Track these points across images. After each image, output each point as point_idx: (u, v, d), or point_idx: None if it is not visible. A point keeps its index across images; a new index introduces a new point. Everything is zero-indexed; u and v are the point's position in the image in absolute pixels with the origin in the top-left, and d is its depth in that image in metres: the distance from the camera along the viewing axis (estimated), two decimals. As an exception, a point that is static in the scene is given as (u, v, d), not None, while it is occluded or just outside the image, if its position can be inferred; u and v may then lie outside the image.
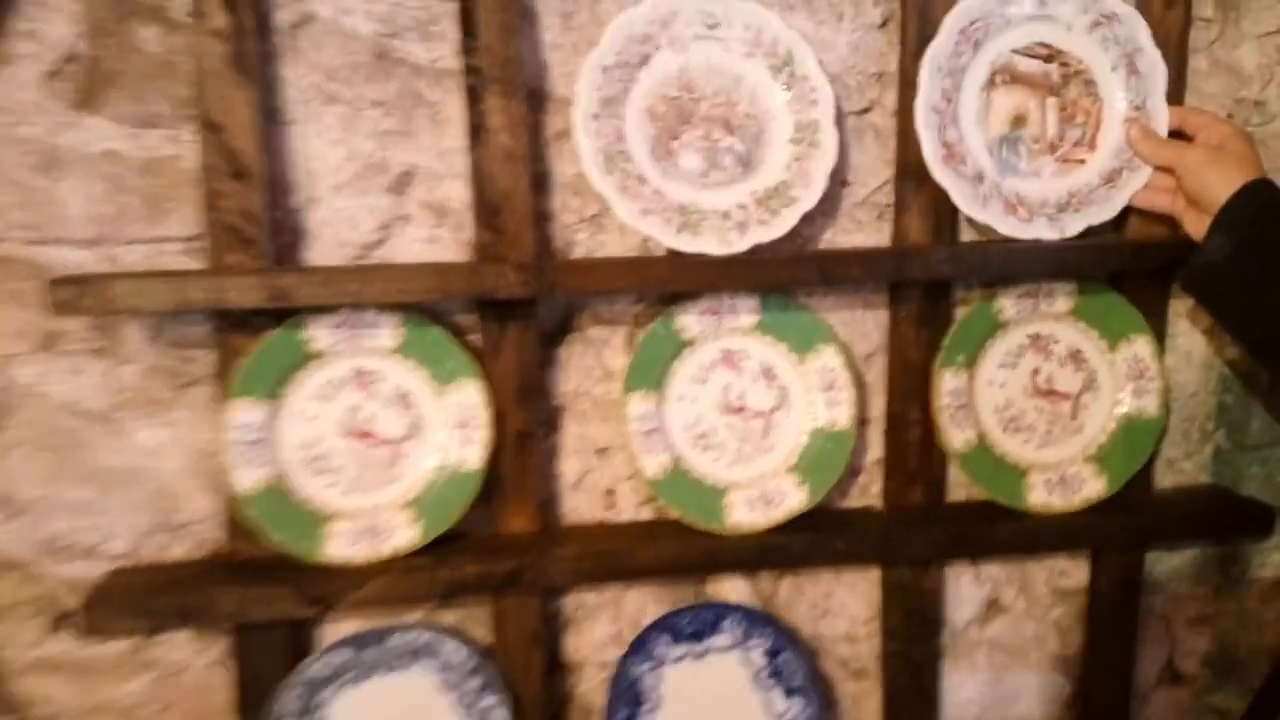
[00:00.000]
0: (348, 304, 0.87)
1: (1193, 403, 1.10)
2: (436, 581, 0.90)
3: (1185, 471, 1.11)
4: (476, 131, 0.89)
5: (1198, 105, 1.02)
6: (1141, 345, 1.02)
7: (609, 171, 0.89)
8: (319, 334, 0.88)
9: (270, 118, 0.88)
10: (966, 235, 1.01)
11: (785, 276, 0.93)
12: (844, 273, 0.93)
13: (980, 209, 0.93)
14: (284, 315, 0.86)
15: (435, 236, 0.93)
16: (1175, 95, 0.97)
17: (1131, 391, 1.03)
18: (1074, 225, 0.95)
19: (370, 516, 0.91)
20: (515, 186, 0.89)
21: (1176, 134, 0.95)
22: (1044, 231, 0.94)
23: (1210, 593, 1.14)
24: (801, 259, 0.94)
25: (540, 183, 0.93)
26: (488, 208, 0.90)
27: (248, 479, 0.87)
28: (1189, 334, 1.08)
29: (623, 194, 0.89)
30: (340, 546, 0.89)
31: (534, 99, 0.91)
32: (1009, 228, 0.93)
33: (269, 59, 0.88)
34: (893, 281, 0.99)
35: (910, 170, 0.96)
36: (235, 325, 0.87)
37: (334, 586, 0.88)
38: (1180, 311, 1.07)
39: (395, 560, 0.90)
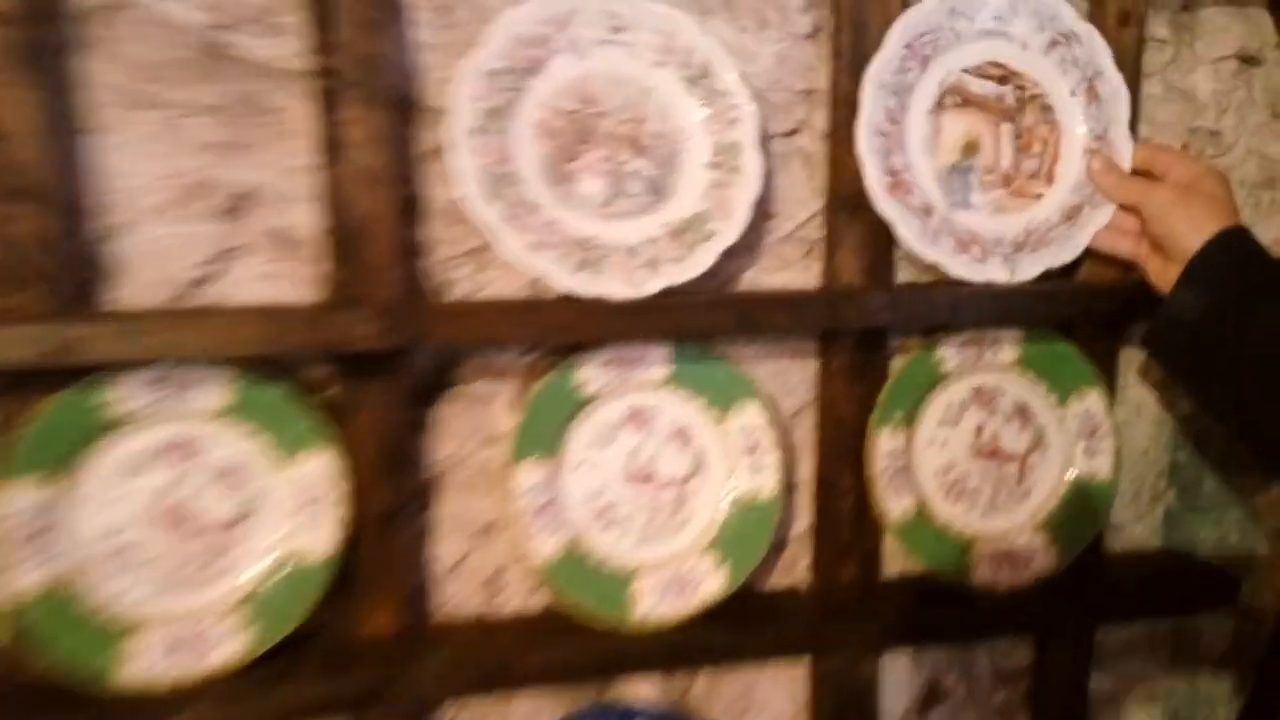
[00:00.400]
0: (160, 358, 0.69)
1: (1143, 461, 1.00)
2: (274, 702, 0.73)
3: (1135, 535, 1.01)
4: (331, 146, 0.73)
5: (1151, 134, 0.93)
6: (1094, 400, 0.92)
7: (493, 197, 0.73)
8: (125, 395, 0.70)
9: (65, 124, 0.70)
10: (902, 275, 0.89)
11: (702, 323, 0.79)
12: (770, 320, 0.80)
13: (930, 246, 0.81)
14: (82, 372, 0.69)
15: (279, 272, 0.76)
16: (1129, 123, 0.87)
17: (1083, 451, 0.92)
18: (1031, 267, 0.84)
19: (188, 622, 0.72)
20: (378, 213, 0.74)
21: (1143, 174, 0.85)
22: (998, 273, 0.83)
23: (1162, 668, 1.05)
24: (721, 303, 0.80)
25: (409, 209, 0.77)
26: (344, 238, 0.74)
27: (26, 580, 0.68)
28: (1139, 386, 0.99)
29: (509, 224, 0.74)
30: (148, 663, 0.71)
31: (402, 108, 0.75)
32: (961, 268, 0.82)
33: (64, 51, 0.70)
34: (824, 329, 0.87)
35: (843, 201, 0.84)
36: (15, 385, 0.69)
37: (141, 714, 0.70)
38: (1131, 361, 0.97)
39: (221, 677, 0.72)
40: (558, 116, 0.76)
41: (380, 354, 0.74)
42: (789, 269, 0.88)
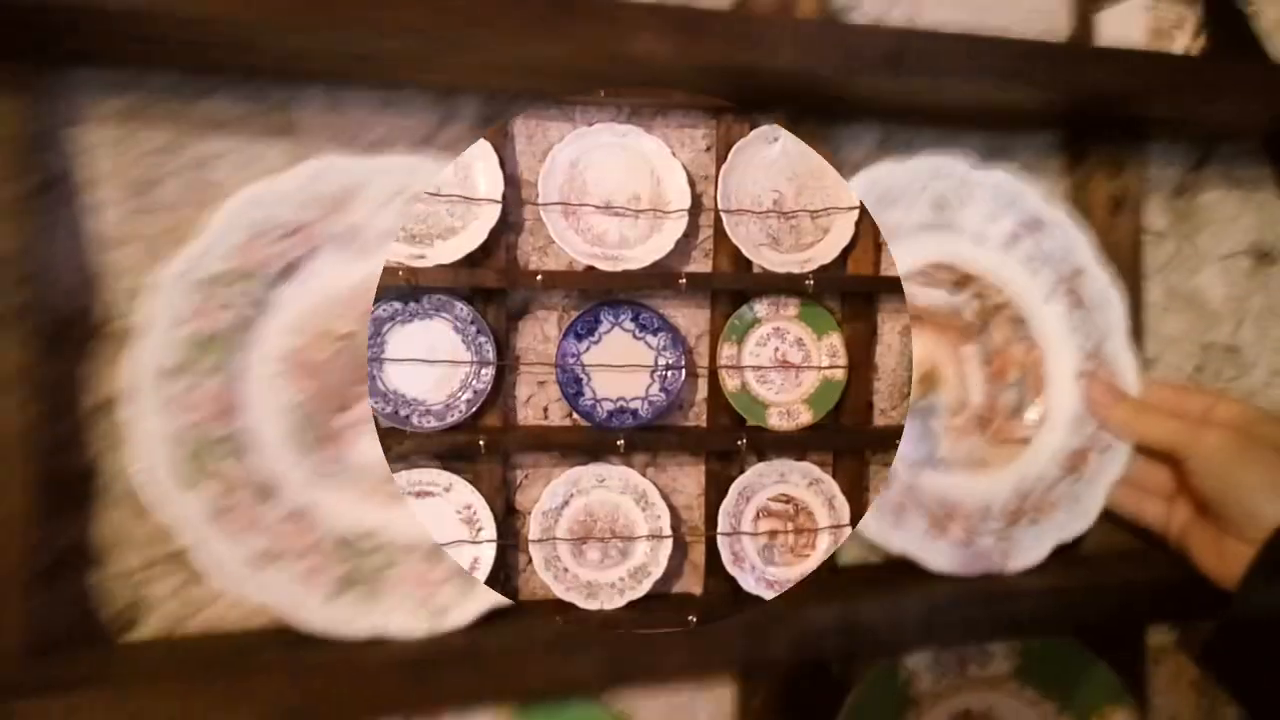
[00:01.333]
0: None
1: (1189, 797, 0.72)
2: None
3: None
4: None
5: (1159, 352, 0.70)
6: (1122, 724, 0.64)
7: (196, 476, 0.45)
8: None
9: None
10: (845, 552, 0.62)
11: (545, 678, 0.50)
12: (657, 663, 0.51)
13: (894, 527, 0.54)
14: None
15: None
16: (1132, 338, 0.64)
17: (1118, 804, 0.64)
18: (1033, 547, 0.57)
19: None
20: (4, 499, 0.44)
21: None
22: (991, 561, 0.56)
23: None
24: (577, 646, 0.51)
25: (64, 493, 0.48)
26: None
27: None
28: (1169, 692, 0.72)
29: (222, 521, 0.45)
30: None
31: (63, 333, 0.48)
32: (941, 558, 0.55)
33: None
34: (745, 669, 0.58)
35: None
36: None
37: None
38: (1159, 658, 0.71)
39: None
40: (321, 343, 0.50)
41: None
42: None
